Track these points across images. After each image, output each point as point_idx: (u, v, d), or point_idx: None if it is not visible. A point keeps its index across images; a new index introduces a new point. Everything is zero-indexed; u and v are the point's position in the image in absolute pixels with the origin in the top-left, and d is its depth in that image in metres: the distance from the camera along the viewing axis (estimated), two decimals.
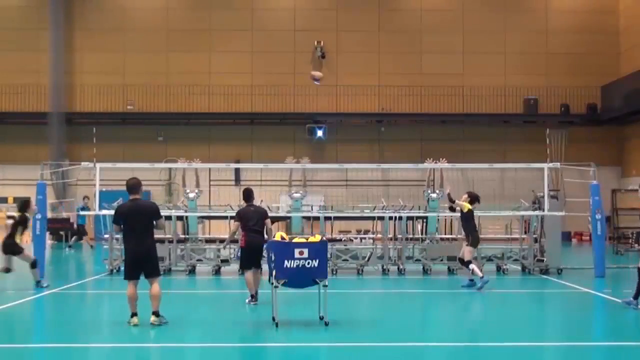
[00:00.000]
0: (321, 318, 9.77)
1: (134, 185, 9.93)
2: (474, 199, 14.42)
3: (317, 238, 10.00)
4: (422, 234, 18.39)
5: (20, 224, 13.85)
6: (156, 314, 9.74)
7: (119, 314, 11.36)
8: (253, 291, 11.52)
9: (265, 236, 11.61)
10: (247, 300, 11.58)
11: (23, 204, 14.11)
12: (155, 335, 9.50)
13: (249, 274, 11.53)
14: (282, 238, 9.86)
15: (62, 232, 27.53)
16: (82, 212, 23.27)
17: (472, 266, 13.88)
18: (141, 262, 9.66)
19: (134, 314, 9.77)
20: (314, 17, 31.28)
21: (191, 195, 17.42)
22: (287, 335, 9.27)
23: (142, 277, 9.77)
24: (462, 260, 14.27)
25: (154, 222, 9.87)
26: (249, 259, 11.50)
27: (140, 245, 9.64)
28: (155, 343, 9.11)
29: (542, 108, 30.81)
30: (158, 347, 8.91)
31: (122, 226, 9.84)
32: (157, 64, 30.58)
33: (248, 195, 12.00)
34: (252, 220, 11.52)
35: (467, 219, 14.25)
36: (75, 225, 25.38)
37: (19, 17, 30.83)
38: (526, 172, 22.72)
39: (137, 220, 9.69)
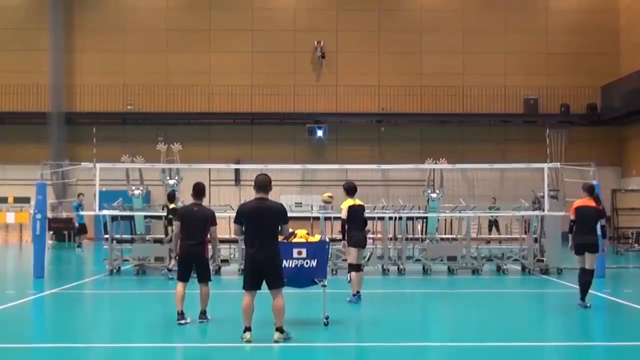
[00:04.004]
0: (327, 318, 9.77)
1: (265, 182, 8.88)
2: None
3: (317, 238, 10.00)
4: (422, 234, 18.40)
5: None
6: (280, 329, 8.70)
7: (118, 314, 11.39)
8: (180, 307, 9.80)
9: (209, 247, 10.07)
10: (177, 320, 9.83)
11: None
12: (155, 335, 9.49)
13: (179, 287, 9.86)
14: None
15: (65, 232, 27.58)
16: (81, 212, 23.25)
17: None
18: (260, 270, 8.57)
19: (247, 329, 8.71)
20: (314, 17, 31.28)
21: (136, 192, 17.11)
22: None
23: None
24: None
25: (280, 227, 8.73)
26: (183, 271, 9.92)
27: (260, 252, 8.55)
28: (154, 343, 9.10)
29: (542, 108, 30.82)
30: (157, 347, 8.90)
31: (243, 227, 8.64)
32: (157, 64, 30.58)
33: (198, 191, 10.08)
34: (191, 223, 9.79)
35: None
36: (77, 224, 25.23)
37: (19, 17, 30.83)
38: (526, 172, 22.73)
39: (260, 222, 8.59)
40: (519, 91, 30.68)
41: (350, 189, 12.24)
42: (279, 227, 8.67)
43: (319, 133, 30.36)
